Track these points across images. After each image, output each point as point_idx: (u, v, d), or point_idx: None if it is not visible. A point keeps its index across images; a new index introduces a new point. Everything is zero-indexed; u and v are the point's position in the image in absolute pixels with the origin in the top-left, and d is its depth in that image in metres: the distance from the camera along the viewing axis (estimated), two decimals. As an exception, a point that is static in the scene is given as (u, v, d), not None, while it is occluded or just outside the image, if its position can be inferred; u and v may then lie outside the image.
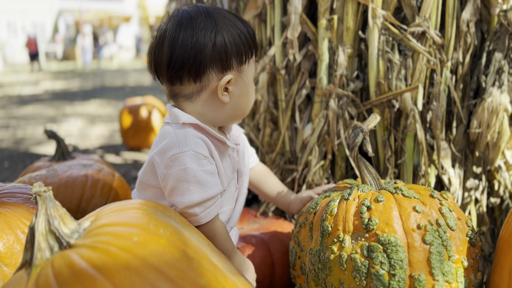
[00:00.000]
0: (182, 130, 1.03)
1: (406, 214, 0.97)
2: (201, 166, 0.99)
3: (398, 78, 1.40)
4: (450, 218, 0.98)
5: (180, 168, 0.98)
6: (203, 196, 0.98)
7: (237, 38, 1.04)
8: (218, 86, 1.04)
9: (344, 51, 1.46)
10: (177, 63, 1.02)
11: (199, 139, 1.02)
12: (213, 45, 1.01)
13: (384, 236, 0.94)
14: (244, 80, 1.09)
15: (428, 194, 1.04)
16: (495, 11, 1.48)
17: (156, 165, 1.03)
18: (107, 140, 4.31)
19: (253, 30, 1.11)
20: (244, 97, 1.10)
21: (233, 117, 1.12)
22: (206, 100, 1.06)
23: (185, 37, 1.01)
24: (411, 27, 1.39)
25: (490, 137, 1.48)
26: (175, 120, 1.06)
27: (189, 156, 0.98)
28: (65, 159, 1.92)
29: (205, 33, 1.01)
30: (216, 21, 1.03)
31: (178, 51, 1.01)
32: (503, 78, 1.47)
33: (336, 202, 1.05)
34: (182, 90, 1.06)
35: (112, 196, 1.51)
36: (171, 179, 0.99)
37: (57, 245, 0.75)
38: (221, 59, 1.02)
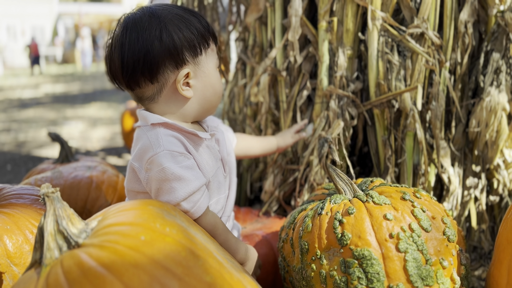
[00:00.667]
0: (152, 132, 1.03)
1: (377, 224, 0.95)
2: (178, 163, 1.00)
3: (397, 78, 1.42)
4: (423, 220, 0.96)
5: (158, 169, 0.98)
6: (187, 190, 0.99)
7: (186, 31, 1.03)
8: (176, 82, 1.04)
9: (344, 52, 1.48)
10: (129, 68, 1.02)
11: (170, 137, 1.03)
12: (159, 42, 1.00)
13: (358, 250, 0.92)
14: (205, 72, 1.08)
15: (400, 196, 1.01)
16: (492, 12, 1.50)
17: (137, 171, 1.04)
18: (108, 143, 4.33)
19: (207, 22, 1.09)
20: (209, 88, 1.10)
21: (203, 110, 1.12)
22: (169, 98, 1.07)
23: (132, 40, 1.01)
24: (410, 28, 1.41)
25: (488, 136, 1.50)
26: (145, 122, 1.06)
27: (163, 156, 0.99)
28: (69, 161, 1.94)
29: (150, 32, 1.00)
30: (160, 18, 1.02)
31: (128, 55, 1.01)
32: (501, 78, 1.49)
33: (310, 217, 1.04)
34: (143, 93, 1.07)
35: (116, 198, 1.53)
36: (153, 182, 1.00)
37: (65, 244, 0.77)
38: (172, 55, 1.01)
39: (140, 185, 1.06)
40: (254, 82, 1.64)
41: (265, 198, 1.63)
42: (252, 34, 1.80)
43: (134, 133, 1.10)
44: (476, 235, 1.59)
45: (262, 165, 1.75)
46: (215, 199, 1.13)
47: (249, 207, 1.74)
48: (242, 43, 1.92)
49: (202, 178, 1.02)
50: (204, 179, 1.04)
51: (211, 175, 1.09)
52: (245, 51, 1.87)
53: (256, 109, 1.78)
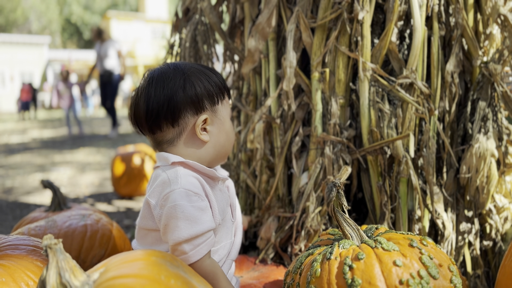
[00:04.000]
0: (172, 170, 1.08)
1: (387, 270, 0.95)
2: (191, 202, 1.02)
3: (389, 126, 1.47)
4: (431, 267, 0.97)
5: (170, 206, 1.02)
6: (192, 232, 1.00)
7: (206, 82, 1.14)
8: (195, 126, 1.12)
9: (336, 101, 1.53)
10: (153, 112, 1.10)
11: (189, 176, 1.07)
12: (183, 90, 1.10)
13: None
14: (220, 119, 1.17)
15: (407, 243, 1.03)
16: (476, 63, 1.58)
17: (152, 207, 1.07)
18: (97, 189, 4.29)
19: (222, 77, 1.21)
20: (223, 134, 1.18)
21: (217, 155, 1.18)
22: (188, 141, 1.14)
23: (157, 88, 1.11)
24: (399, 79, 1.47)
25: (479, 181, 1.53)
26: (165, 162, 1.12)
27: (179, 193, 1.02)
28: (61, 209, 1.92)
29: (175, 82, 1.11)
30: (183, 70, 1.14)
31: (153, 102, 1.10)
32: (488, 125, 1.55)
33: (318, 262, 1.04)
34: (164, 136, 1.14)
35: (111, 246, 1.50)
36: (163, 218, 1.03)
37: (67, 301, 0.76)
38: (193, 102, 1.11)
39: (153, 223, 1.08)
40: (250, 130, 1.67)
41: (261, 245, 1.63)
42: (247, 83, 1.86)
43: (152, 173, 1.14)
44: (472, 280, 1.59)
45: (257, 211, 1.75)
46: (222, 244, 1.15)
47: (244, 254, 1.73)
48: (236, 91, 1.97)
49: (210, 223, 1.04)
50: (213, 224, 1.06)
51: (221, 219, 1.12)
52: (239, 99, 1.92)
53: (251, 155, 1.81)
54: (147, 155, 3.81)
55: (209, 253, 1.05)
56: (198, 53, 1.92)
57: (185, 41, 1.88)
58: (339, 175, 1.14)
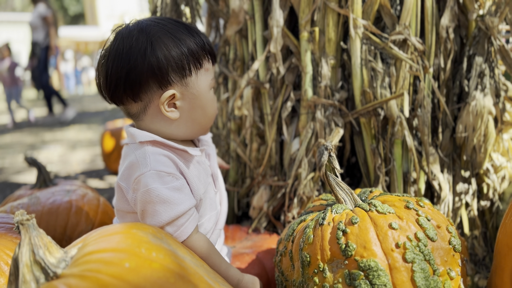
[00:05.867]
0: (140, 150, 0.98)
1: (383, 233, 0.91)
2: (165, 183, 0.94)
3: (382, 86, 1.40)
4: (429, 229, 0.92)
5: (143, 190, 0.93)
6: (171, 214, 0.94)
7: (175, 50, 0.97)
8: (159, 103, 0.98)
9: (327, 62, 1.46)
10: (112, 84, 0.98)
11: (160, 155, 0.97)
12: (143, 62, 0.95)
13: (364, 261, 0.88)
14: (194, 93, 1.01)
15: (403, 205, 0.98)
16: (472, 16, 1.51)
17: (124, 191, 0.99)
18: (89, 165, 4.23)
19: (203, 40, 1.02)
20: (198, 110, 1.03)
21: (192, 131, 1.06)
22: (155, 117, 1.01)
23: (117, 55, 0.96)
24: (392, 35, 1.40)
25: (476, 140, 1.48)
26: (132, 140, 1.01)
27: (150, 176, 0.94)
28: (47, 186, 1.86)
29: (136, 50, 0.95)
30: (149, 34, 0.96)
31: (111, 72, 0.97)
32: (485, 82, 1.48)
33: (311, 228, 1.00)
34: (128, 109, 1.03)
35: (98, 222, 1.45)
36: (139, 203, 0.95)
37: (43, 276, 0.71)
38: (155, 75, 0.96)
39: (129, 206, 1.01)
40: (237, 96, 1.60)
41: (254, 215, 1.58)
42: (233, 47, 1.77)
43: (122, 151, 1.05)
44: (469, 241, 1.56)
45: (249, 180, 1.70)
46: (207, 217, 1.08)
47: (237, 224, 1.69)
48: (222, 57, 1.88)
49: (189, 201, 0.97)
50: (193, 201, 0.98)
51: (203, 192, 1.04)
52: (226, 65, 1.84)
53: (240, 123, 1.74)
54: (137, 129, 3.73)
55: (196, 228, 0.99)
56: (180, 17, 1.83)
57: (166, 5, 1.78)
58: (331, 138, 1.08)
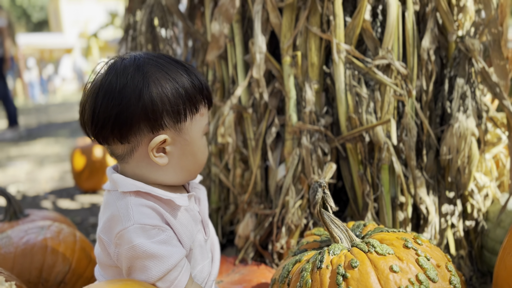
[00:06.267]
0: (122, 201, 0.90)
1: (384, 277, 0.88)
2: (150, 237, 0.87)
3: (367, 111, 1.38)
4: (429, 269, 0.90)
5: (128, 247, 0.86)
6: (162, 269, 0.87)
7: (172, 93, 0.90)
8: (149, 148, 0.90)
9: (311, 87, 1.43)
10: (98, 122, 0.89)
11: (143, 207, 0.90)
12: (137, 103, 0.87)
13: None
14: (186, 139, 0.94)
15: (402, 244, 0.95)
16: (452, 37, 1.51)
17: (106, 245, 0.91)
18: (58, 183, 4.07)
19: (201, 81, 0.95)
20: (188, 157, 0.96)
21: (179, 179, 0.98)
22: (141, 161, 0.93)
23: (108, 93, 0.88)
24: (375, 60, 1.38)
25: (460, 162, 1.48)
26: (114, 187, 0.94)
27: (134, 230, 0.86)
28: (17, 219, 1.76)
29: (130, 89, 0.88)
30: (146, 74, 0.89)
31: (100, 109, 0.88)
32: (467, 103, 1.49)
33: (308, 272, 0.96)
34: (113, 150, 0.95)
35: (75, 261, 1.37)
36: (124, 259, 0.88)
37: None
38: (148, 119, 0.88)
39: (110, 260, 0.93)
40: (220, 123, 1.55)
41: (240, 244, 1.53)
42: (212, 69, 1.72)
43: (104, 197, 0.97)
44: (456, 261, 1.56)
45: (233, 206, 1.65)
46: (199, 267, 1.00)
47: (222, 254, 1.63)
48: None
49: (179, 253, 0.90)
50: (183, 251, 0.91)
51: (192, 241, 0.97)
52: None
53: (222, 148, 1.69)
54: (109, 145, 3.62)
55: (190, 279, 0.93)
56: (156, 38, 1.77)
57: (140, 25, 1.72)
58: (324, 174, 1.05)
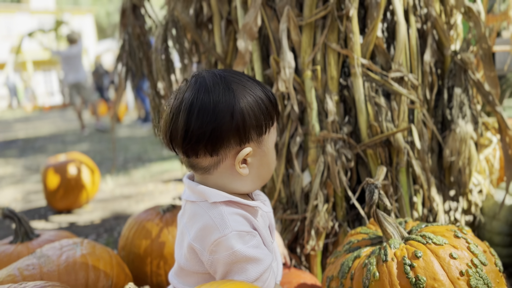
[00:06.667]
0: (215, 211, 0.97)
1: (446, 264, 0.99)
2: (246, 243, 0.95)
3: (386, 119, 1.52)
4: (480, 255, 1.02)
5: (228, 253, 0.93)
6: (259, 270, 0.95)
7: (256, 108, 0.97)
8: (236, 160, 0.98)
9: (331, 98, 1.54)
10: (193, 138, 0.95)
11: (236, 215, 0.97)
12: (230, 119, 0.94)
13: None
14: (264, 150, 1.02)
15: (453, 235, 1.08)
16: (448, 52, 1.69)
17: (198, 252, 0.97)
18: (25, 205, 3.89)
19: (274, 95, 1.04)
20: (265, 167, 1.05)
21: (254, 187, 1.06)
22: (224, 172, 1.00)
23: (202, 109, 0.95)
24: (391, 73, 1.52)
25: (461, 163, 1.66)
26: (202, 198, 1.00)
27: (232, 237, 0.93)
28: (30, 239, 1.71)
29: (223, 105, 0.94)
30: (234, 90, 0.96)
31: (194, 125, 0.94)
32: (464, 110, 1.67)
33: (374, 265, 1.06)
34: (199, 163, 1.00)
35: (115, 275, 1.37)
36: (221, 265, 0.94)
37: None
38: (239, 133, 0.96)
39: (201, 267, 0.98)
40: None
41: (267, 249, 1.60)
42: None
43: (186, 207, 1.02)
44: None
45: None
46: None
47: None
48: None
49: (269, 256, 0.98)
50: (271, 255, 0.99)
51: (271, 244, 1.04)
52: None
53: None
54: (83, 163, 3.53)
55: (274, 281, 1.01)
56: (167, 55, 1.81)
57: (156, 44, 1.76)
58: (377, 176, 1.15)
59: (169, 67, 1.82)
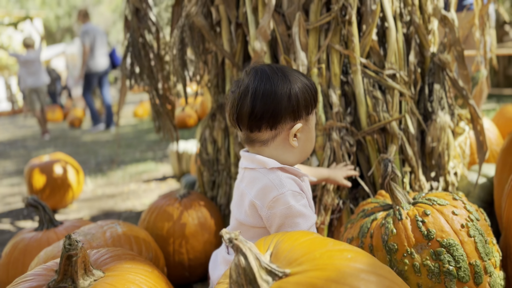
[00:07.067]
0: (273, 175, 1.21)
1: (450, 219, 1.24)
2: (299, 201, 1.19)
3: (383, 110, 1.77)
4: (474, 212, 1.28)
5: (284, 207, 1.16)
6: (308, 224, 1.18)
7: (306, 92, 1.24)
8: (290, 133, 1.24)
9: (335, 92, 1.78)
10: (258, 115, 1.20)
11: (289, 179, 1.21)
12: (288, 99, 1.20)
13: (445, 240, 1.20)
14: (309, 127, 1.30)
15: (451, 198, 1.34)
16: (428, 53, 1.97)
17: (258, 208, 1.19)
18: (4, 207, 3.87)
19: (315, 87, 1.31)
20: (309, 142, 1.32)
21: (299, 159, 1.31)
22: (279, 145, 1.25)
23: (265, 92, 1.19)
24: (385, 70, 1.78)
25: (441, 148, 1.94)
26: (261, 165, 1.23)
27: (289, 195, 1.17)
28: (55, 226, 1.83)
29: (282, 88, 1.20)
30: (289, 78, 1.23)
31: (259, 105, 1.19)
32: (443, 103, 1.96)
33: (391, 224, 1.29)
34: (259, 136, 1.24)
35: (153, 250, 1.52)
36: (277, 218, 1.16)
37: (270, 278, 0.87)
38: (293, 111, 1.22)
39: (258, 221, 1.19)
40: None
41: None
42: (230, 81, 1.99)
43: (248, 174, 1.23)
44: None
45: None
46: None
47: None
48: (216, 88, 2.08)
49: (314, 215, 1.21)
50: (315, 216, 1.21)
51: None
52: (224, 96, 2.04)
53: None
54: (68, 163, 3.58)
55: None
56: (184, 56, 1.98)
57: (173, 44, 1.93)
58: (389, 152, 1.39)
59: (184, 66, 1.99)
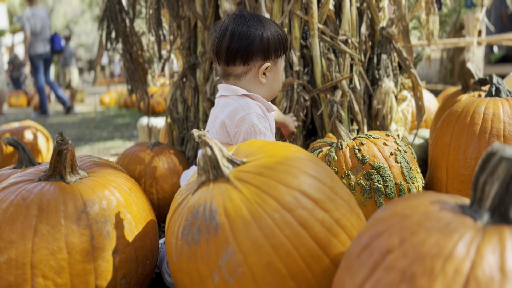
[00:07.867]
0: (242, 100, 1.44)
1: (381, 148, 1.50)
2: (261, 123, 1.41)
3: (335, 70, 2.02)
4: (401, 145, 1.54)
5: (249, 125, 1.38)
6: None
7: (276, 37, 1.48)
8: (260, 70, 1.47)
9: (295, 54, 2.01)
10: (233, 50, 1.43)
11: (255, 105, 1.44)
12: (260, 40, 1.44)
13: (376, 164, 1.45)
14: (277, 69, 1.54)
15: (384, 134, 1.60)
16: (377, 27, 2.24)
17: (227, 126, 1.41)
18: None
19: (286, 36, 1.54)
20: (275, 82, 1.55)
21: (267, 96, 1.54)
22: (250, 80, 1.49)
23: (241, 32, 1.43)
24: (339, 36, 2.03)
25: (385, 111, 2.20)
26: (233, 93, 1.46)
27: (253, 116, 1.39)
28: (33, 165, 1.97)
29: (256, 30, 1.44)
30: (264, 24, 1.47)
31: (235, 42, 1.42)
32: (388, 71, 2.23)
33: (333, 152, 1.53)
34: (234, 70, 1.48)
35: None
36: (242, 134, 1.38)
37: (231, 165, 1.08)
38: (264, 50, 1.45)
39: (225, 138, 1.40)
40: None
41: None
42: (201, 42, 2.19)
43: (222, 101, 1.46)
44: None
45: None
46: None
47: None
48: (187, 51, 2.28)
49: (273, 137, 1.43)
50: (274, 138, 1.44)
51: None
52: (195, 57, 2.24)
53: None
54: (38, 130, 3.67)
55: None
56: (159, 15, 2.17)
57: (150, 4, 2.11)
58: (335, 96, 1.63)
59: (159, 25, 2.17)
